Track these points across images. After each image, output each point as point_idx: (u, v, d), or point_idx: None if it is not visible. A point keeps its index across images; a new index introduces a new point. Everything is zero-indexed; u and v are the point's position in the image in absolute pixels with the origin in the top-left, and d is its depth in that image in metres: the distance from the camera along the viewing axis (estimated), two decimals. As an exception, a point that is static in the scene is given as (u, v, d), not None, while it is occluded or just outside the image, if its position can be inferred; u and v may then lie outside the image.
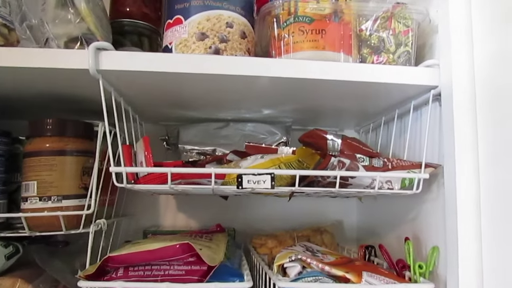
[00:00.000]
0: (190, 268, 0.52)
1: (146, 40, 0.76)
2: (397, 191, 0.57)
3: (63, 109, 0.71)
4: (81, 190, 0.64)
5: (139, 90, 0.62)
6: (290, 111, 0.77)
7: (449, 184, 0.54)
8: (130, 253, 0.51)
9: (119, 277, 0.51)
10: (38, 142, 0.62)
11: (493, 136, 0.50)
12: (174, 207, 0.89)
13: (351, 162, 0.54)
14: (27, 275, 0.62)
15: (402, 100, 0.66)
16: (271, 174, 0.51)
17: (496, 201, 0.49)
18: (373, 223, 0.86)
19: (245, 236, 0.87)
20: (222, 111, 0.77)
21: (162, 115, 0.80)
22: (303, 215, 0.92)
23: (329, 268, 0.54)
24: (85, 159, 0.65)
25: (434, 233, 0.60)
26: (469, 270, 0.51)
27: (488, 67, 0.52)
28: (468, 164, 0.52)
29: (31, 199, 0.61)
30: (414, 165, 0.57)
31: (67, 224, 0.61)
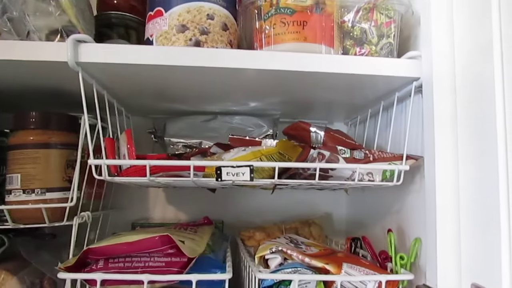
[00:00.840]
0: (170, 260, 0.53)
1: (134, 33, 0.76)
2: (378, 183, 0.57)
3: (49, 102, 0.71)
4: (65, 183, 0.64)
5: (122, 83, 0.62)
6: (277, 103, 0.77)
7: (428, 175, 0.54)
8: (109, 245, 0.51)
9: (99, 268, 0.51)
10: (22, 135, 0.63)
11: (473, 128, 0.50)
12: (164, 200, 0.89)
13: (331, 154, 0.54)
14: (12, 267, 0.63)
15: (387, 92, 0.66)
16: (250, 166, 0.51)
17: (475, 192, 0.49)
18: (361, 215, 0.86)
19: (234, 229, 0.87)
20: (208, 104, 0.77)
21: (149, 108, 0.80)
22: (292, 208, 0.92)
23: (309, 259, 0.54)
24: (69, 152, 0.65)
25: (417, 225, 0.60)
26: (448, 261, 0.51)
27: (468, 59, 0.51)
28: (447, 155, 0.52)
29: (15, 192, 0.61)
30: (395, 157, 0.57)
31: (51, 216, 0.62)
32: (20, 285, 0.61)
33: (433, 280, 0.51)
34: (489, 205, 0.46)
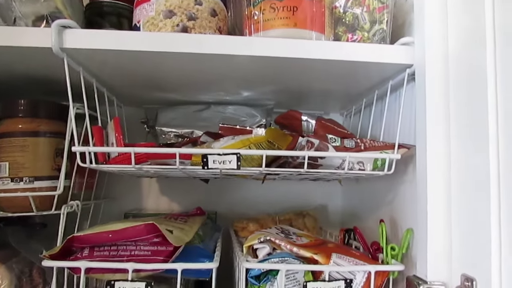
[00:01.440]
0: (156, 248, 0.52)
1: (126, 21, 0.75)
2: (369, 172, 0.55)
3: (40, 92, 0.71)
4: (55, 171, 0.63)
5: (111, 71, 0.62)
6: (270, 93, 0.76)
7: (420, 164, 0.53)
8: (94, 233, 0.51)
9: (84, 257, 0.51)
10: (10, 123, 0.62)
11: (465, 116, 0.49)
12: (157, 190, 0.89)
13: (320, 143, 0.53)
14: (1, 256, 0.63)
15: (381, 81, 0.65)
16: (237, 154, 0.50)
17: (466, 182, 0.48)
18: (356, 206, 0.85)
19: (227, 220, 0.86)
20: (201, 93, 0.76)
21: (142, 98, 0.80)
22: (287, 199, 0.91)
23: (298, 249, 0.54)
24: (58, 141, 0.64)
25: (410, 216, 0.59)
26: (438, 252, 0.50)
27: (461, 46, 0.50)
28: (439, 143, 0.51)
29: (3, 180, 0.61)
30: (387, 146, 0.56)
31: (40, 205, 0.61)
32: (9, 273, 0.61)
33: (423, 271, 0.50)
34: (479, 196, 0.44)
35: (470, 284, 0.44)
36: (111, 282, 0.48)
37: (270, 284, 0.51)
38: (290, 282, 0.51)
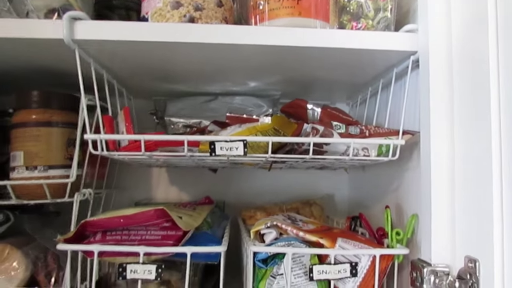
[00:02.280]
0: (166, 233, 0.54)
1: (135, 14, 0.76)
2: (373, 158, 0.56)
3: (53, 84, 0.72)
4: (67, 161, 0.65)
5: (121, 62, 0.63)
6: (277, 83, 0.77)
7: (424, 150, 0.54)
8: (106, 218, 0.53)
9: (97, 241, 0.53)
10: (24, 114, 0.64)
11: (469, 102, 0.49)
12: (166, 180, 0.91)
13: (325, 129, 0.54)
14: (17, 242, 0.65)
15: (386, 69, 0.65)
16: (243, 141, 0.51)
17: (469, 167, 0.48)
18: (362, 195, 0.86)
19: (235, 209, 0.88)
20: (209, 84, 0.77)
21: (151, 90, 0.81)
22: (294, 189, 0.93)
23: (304, 234, 0.55)
24: (70, 131, 0.66)
25: (415, 201, 0.59)
26: (442, 235, 0.50)
27: (464, 32, 0.50)
28: (443, 129, 0.52)
29: (18, 169, 0.63)
30: (391, 132, 0.57)
31: (53, 193, 0.63)
32: (25, 258, 0.63)
33: (427, 254, 0.51)
34: (482, 180, 0.45)
35: (473, 265, 0.45)
36: (123, 264, 0.50)
37: (277, 267, 0.53)
38: (297, 266, 0.52)
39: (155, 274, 0.50)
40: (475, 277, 0.44)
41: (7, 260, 0.62)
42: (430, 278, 0.49)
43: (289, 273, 0.51)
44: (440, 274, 0.49)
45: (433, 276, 0.49)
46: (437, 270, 0.49)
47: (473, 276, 0.45)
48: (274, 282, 0.52)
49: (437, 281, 0.49)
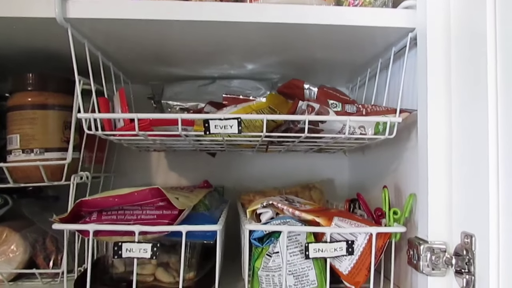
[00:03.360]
0: (161, 212, 0.54)
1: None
2: (370, 136, 0.56)
3: (48, 68, 0.72)
4: (64, 143, 0.65)
5: (116, 42, 0.62)
6: (275, 65, 0.76)
7: (421, 128, 0.53)
8: (102, 197, 0.53)
9: (93, 220, 0.53)
10: (20, 97, 0.64)
11: (466, 80, 0.48)
12: (165, 165, 0.91)
13: (320, 107, 0.53)
14: (16, 225, 0.65)
15: (384, 48, 0.64)
16: (237, 118, 0.51)
17: (466, 145, 0.48)
18: (362, 179, 0.85)
19: (234, 194, 0.88)
20: (205, 67, 0.77)
21: (148, 73, 0.81)
22: (293, 174, 0.92)
23: (300, 213, 0.54)
24: (67, 114, 0.66)
25: (413, 181, 0.59)
26: (439, 212, 0.50)
27: (462, 8, 0.49)
28: (440, 107, 0.51)
29: (14, 152, 0.63)
30: (388, 110, 0.56)
31: (50, 176, 0.63)
32: (23, 241, 0.63)
33: (424, 232, 0.51)
34: (479, 157, 0.44)
35: (470, 241, 0.44)
36: (119, 243, 0.50)
37: (272, 245, 0.52)
38: (292, 244, 0.52)
39: (150, 253, 0.50)
40: (471, 252, 0.44)
41: (5, 243, 0.63)
42: (427, 255, 0.49)
43: (284, 251, 0.51)
44: (437, 251, 0.48)
45: (430, 253, 0.49)
46: (433, 247, 0.49)
47: (470, 252, 0.44)
48: (270, 260, 0.52)
49: (434, 258, 0.48)
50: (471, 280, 0.44)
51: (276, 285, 0.52)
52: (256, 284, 0.53)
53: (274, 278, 0.52)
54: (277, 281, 0.52)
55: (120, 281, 0.58)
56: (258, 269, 0.53)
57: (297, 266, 0.52)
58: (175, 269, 0.60)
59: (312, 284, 0.52)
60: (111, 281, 0.58)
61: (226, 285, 0.59)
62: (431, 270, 0.48)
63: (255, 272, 0.53)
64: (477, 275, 0.43)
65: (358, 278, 0.52)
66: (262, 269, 0.52)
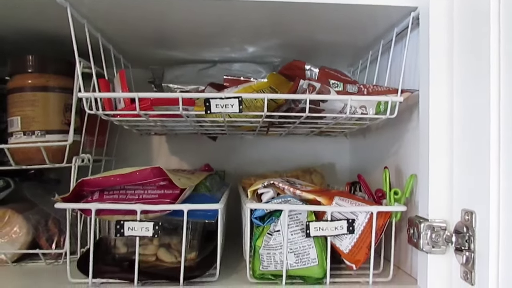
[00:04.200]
0: (163, 192, 0.54)
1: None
2: (371, 116, 0.56)
3: (48, 51, 0.72)
4: (65, 126, 0.65)
5: (116, 23, 0.62)
6: (276, 47, 0.75)
7: (423, 108, 0.53)
8: (103, 176, 0.53)
9: (95, 200, 0.53)
10: (20, 79, 0.64)
11: (468, 59, 0.48)
12: (167, 150, 0.91)
13: (321, 86, 0.53)
14: (18, 207, 0.66)
15: (386, 29, 0.64)
16: (238, 97, 0.51)
17: (467, 123, 0.47)
18: (363, 162, 0.85)
19: (236, 179, 0.88)
20: (206, 50, 0.76)
21: (148, 57, 0.80)
22: (295, 158, 0.92)
23: (301, 192, 0.55)
24: (67, 96, 0.66)
25: (414, 162, 0.59)
26: (440, 191, 0.50)
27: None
28: (442, 86, 0.50)
29: (16, 134, 0.63)
30: (390, 90, 0.56)
31: (52, 158, 0.64)
32: (26, 223, 0.64)
33: (425, 210, 0.51)
34: (480, 134, 0.44)
35: (470, 217, 0.44)
36: (121, 221, 0.50)
37: (273, 224, 0.53)
38: (293, 222, 0.52)
39: (152, 231, 0.50)
40: (471, 229, 0.44)
41: (8, 224, 0.63)
42: (427, 233, 0.49)
43: (285, 230, 0.51)
44: (437, 229, 0.49)
45: (430, 231, 0.49)
46: (434, 225, 0.49)
47: (470, 229, 0.44)
48: (271, 239, 0.52)
49: (434, 236, 0.48)
50: (470, 256, 0.44)
51: (277, 263, 0.52)
52: (257, 262, 0.53)
53: (275, 256, 0.52)
54: (278, 259, 0.52)
55: (122, 260, 0.58)
56: (259, 248, 0.53)
57: (298, 244, 0.52)
58: (176, 249, 0.61)
59: (312, 262, 0.52)
60: (114, 261, 0.58)
61: (227, 265, 0.60)
62: (431, 247, 0.49)
63: (256, 250, 0.53)
64: (477, 251, 0.43)
65: (358, 257, 0.53)
66: (263, 247, 0.53)
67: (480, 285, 0.42)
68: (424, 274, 0.50)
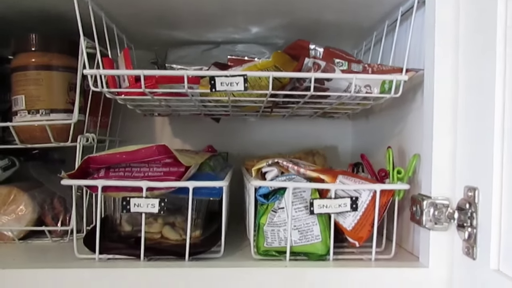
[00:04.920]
0: (168, 169, 0.54)
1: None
2: (376, 95, 0.56)
3: (52, 31, 0.71)
4: (69, 105, 0.66)
5: (120, 3, 0.62)
6: (280, 28, 0.75)
7: (427, 87, 0.53)
8: (109, 153, 0.53)
9: (100, 177, 0.53)
10: (23, 57, 0.64)
11: (474, 36, 0.47)
12: (170, 132, 0.91)
13: (326, 64, 0.53)
14: (24, 186, 0.66)
15: (391, 9, 0.64)
16: (243, 75, 0.51)
17: (472, 100, 0.48)
18: (365, 145, 0.86)
19: (239, 161, 0.88)
20: (209, 31, 0.76)
21: (151, 37, 0.80)
22: (297, 141, 0.93)
23: (305, 170, 0.55)
24: (71, 75, 0.66)
25: (417, 142, 0.59)
26: (443, 170, 0.50)
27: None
28: (447, 64, 0.50)
29: (20, 113, 0.63)
30: (395, 69, 0.56)
31: (57, 137, 0.64)
32: (31, 200, 0.64)
33: (428, 188, 0.51)
34: (485, 112, 0.44)
35: (473, 194, 0.45)
36: (127, 198, 0.50)
37: (278, 202, 0.53)
38: (297, 200, 0.53)
39: (158, 208, 0.51)
40: (474, 205, 0.44)
41: (14, 202, 0.64)
42: (430, 211, 0.49)
43: (290, 207, 0.52)
44: (440, 206, 0.49)
45: (433, 209, 0.49)
46: (436, 202, 0.49)
47: (472, 205, 0.45)
48: (275, 216, 0.53)
49: (436, 213, 0.49)
50: (473, 232, 0.44)
51: (281, 240, 0.53)
52: (262, 239, 0.54)
53: (279, 233, 0.53)
54: (282, 236, 0.53)
55: (128, 238, 0.59)
56: (264, 225, 0.54)
57: (302, 221, 0.53)
58: (181, 228, 0.61)
59: (316, 238, 0.53)
60: (119, 238, 0.59)
61: (230, 243, 0.61)
62: (434, 224, 0.49)
63: (261, 228, 0.54)
64: (479, 227, 0.44)
65: (361, 234, 0.53)
66: (267, 224, 0.53)
67: (481, 259, 0.43)
68: (426, 250, 0.51)
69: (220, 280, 0.50)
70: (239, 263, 0.53)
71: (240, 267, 0.51)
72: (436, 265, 0.50)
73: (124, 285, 0.49)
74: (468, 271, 0.46)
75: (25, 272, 0.49)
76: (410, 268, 0.51)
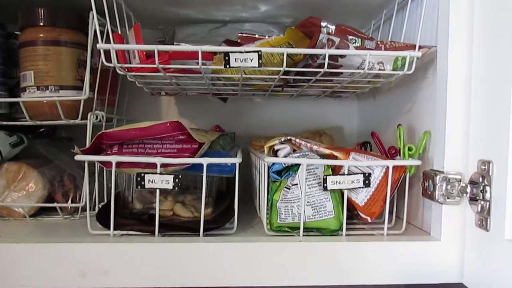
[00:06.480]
0: (181, 146, 0.54)
1: None
2: (388, 72, 0.56)
3: (60, 5, 0.70)
4: (78, 82, 0.65)
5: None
6: (288, 6, 0.74)
7: (441, 64, 0.53)
8: (122, 129, 0.53)
9: (114, 153, 0.53)
10: (32, 32, 0.63)
11: (489, 15, 0.47)
12: (176, 112, 0.91)
13: (340, 41, 0.53)
14: (33, 163, 0.66)
15: (402, -15, 0.63)
16: (258, 51, 0.51)
17: (486, 75, 0.48)
18: (372, 124, 0.86)
19: (246, 141, 0.88)
20: (217, 9, 0.75)
21: (158, 15, 0.78)
22: (304, 121, 0.93)
23: (317, 147, 0.55)
24: (80, 52, 0.65)
25: (428, 119, 0.59)
26: (456, 146, 0.51)
27: None
28: (461, 41, 0.50)
29: (29, 89, 0.63)
30: (408, 46, 0.56)
31: (66, 114, 0.63)
32: (41, 177, 0.64)
33: (440, 163, 0.52)
34: (500, 87, 0.44)
35: (487, 167, 0.45)
36: (141, 174, 0.50)
37: (291, 178, 0.54)
38: (311, 176, 0.53)
39: (172, 184, 0.51)
40: (488, 178, 0.45)
41: (23, 179, 0.64)
42: (442, 185, 0.50)
43: (303, 183, 0.52)
44: (452, 180, 0.50)
45: (445, 183, 0.50)
46: (449, 177, 0.50)
47: (486, 178, 0.45)
48: (289, 192, 0.53)
49: (449, 187, 0.50)
50: (486, 205, 0.45)
51: (294, 215, 0.53)
52: (275, 215, 0.55)
53: (293, 209, 0.53)
54: (296, 212, 0.53)
55: (140, 215, 0.59)
56: (277, 201, 0.54)
57: (315, 197, 0.53)
58: (192, 205, 0.62)
59: (329, 214, 0.53)
60: (131, 215, 0.60)
61: (241, 221, 0.61)
62: (446, 198, 0.50)
63: (274, 204, 0.54)
64: (493, 198, 0.44)
65: (373, 209, 0.54)
66: (280, 201, 0.54)
67: (495, 230, 0.44)
68: (438, 224, 0.51)
69: (235, 255, 0.50)
70: (254, 238, 0.53)
71: (255, 241, 0.51)
72: (448, 239, 0.50)
73: (141, 260, 0.50)
74: (480, 242, 0.47)
75: (41, 247, 0.50)
76: (422, 242, 0.51)
